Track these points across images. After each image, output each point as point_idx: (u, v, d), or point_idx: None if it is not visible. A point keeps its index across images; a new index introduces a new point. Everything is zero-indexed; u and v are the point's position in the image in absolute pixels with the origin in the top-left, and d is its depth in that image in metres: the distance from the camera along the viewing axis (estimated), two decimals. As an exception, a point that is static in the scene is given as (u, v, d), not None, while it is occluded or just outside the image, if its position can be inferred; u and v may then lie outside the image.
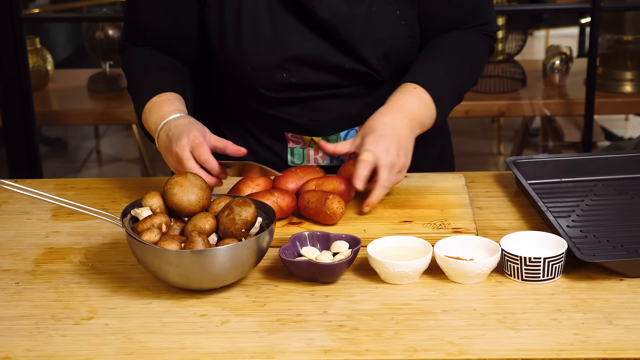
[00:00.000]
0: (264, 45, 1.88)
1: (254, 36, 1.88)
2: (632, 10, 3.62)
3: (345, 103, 1.96)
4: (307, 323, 1.47)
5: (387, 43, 1.91)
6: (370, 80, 1.95)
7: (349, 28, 1.88)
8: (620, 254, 1.65)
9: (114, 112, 3.65)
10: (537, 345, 1.40)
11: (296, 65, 1.90)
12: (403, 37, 1.92)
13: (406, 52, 1.95)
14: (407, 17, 1.92)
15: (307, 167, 1.90)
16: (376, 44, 1.90)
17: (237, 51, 1.89)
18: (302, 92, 1.93)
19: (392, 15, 1.90)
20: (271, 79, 1.90)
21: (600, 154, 2.00)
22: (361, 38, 1.89)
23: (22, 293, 1.59)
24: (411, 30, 1.93)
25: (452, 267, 1.57)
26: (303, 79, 1.91)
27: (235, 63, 1.91)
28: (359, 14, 1.88)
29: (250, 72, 1.90)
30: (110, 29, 3.74)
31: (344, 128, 1.97)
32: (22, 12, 3.18)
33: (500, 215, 1.85)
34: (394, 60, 1.93)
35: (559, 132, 4.11)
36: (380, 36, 1.90)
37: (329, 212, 1.75)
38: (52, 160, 5.10)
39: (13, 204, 1.95)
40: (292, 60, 1.89)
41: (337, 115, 1.96)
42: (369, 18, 1.89)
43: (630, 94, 3.62)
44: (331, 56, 1.90)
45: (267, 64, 1.89)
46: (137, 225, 1.58)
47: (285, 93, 1.93)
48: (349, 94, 1.96)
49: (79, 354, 1.41)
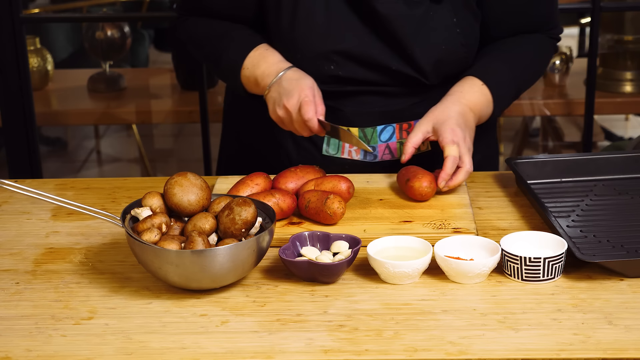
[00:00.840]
0: (315, 35, 1.91)
1: (308, 24, 1.90)
2: (632, 10, 3.62)
3: (388, 100, 1.98)
4: (307, 323, 1.47)
5: (441, 49, 1.93)
6: (417, 84, 1.96)
7: (404, 27, 1.89)
8: (620, 254, 1.65)
9: (114, 112, 3.65)
10: (537, 345, 1.40)
11: (344, 59, 1.92)
12: (457, 45, 1.94)
13: (458, 61, 1.97)
14: (463, 26, 1.94)
15: (307, 167, 1.90)
16: (429, 48, 1.92)
17: (290, 36, 1.92)
18: (347, 86, 1.96)
19: (449, 21, 1.92)
20: (318, 70, 1.93)
21: (600, 154, 2.00)
22: (415, 40, 1.90)
23: (22, 293, 1.59)
24: (465, 38, 1.95)
25: (452, 267, 1.57)
26: (349, 73, 1.94)
27: (286, 48, 1.94)
28: (417, 15, 1.90)
29: (300, 59, 1.93)
30: (110, 29, 3.74)
31: (382, 123, 1.99)
32: (22, 12, 3.17)
33: (500, 215, 1.85)
34: (445, 66, 1.96)
35: (559, 132, 4.11)
36: (434, 41, 1.92)
37: (330, 211, 1.75)
38: (52, 160, 5.10)
39: (13, 204, 1.95)
40: (340, 53, 1.92)
41: (378, 110, 1.98)
42: (425, 21, 1.91)
43: (630, 94, 3.62)
44: (380, 55, 1.92)
45: (316, 54, 1.92)
46: (137, 225, 1.58)
47: (331, 85, 1.95)
48: (393, 93, 1.98)
49: (79, 354, 1.41)
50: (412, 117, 1.99)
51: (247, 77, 1.97)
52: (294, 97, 1.87)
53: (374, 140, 1.99)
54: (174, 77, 3.75)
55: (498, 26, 2.00)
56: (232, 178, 1.97)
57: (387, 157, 2.00)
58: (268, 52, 1.96)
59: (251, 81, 1.97)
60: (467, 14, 1.94)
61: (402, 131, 1.99)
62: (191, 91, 3.62)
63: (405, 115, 1.98)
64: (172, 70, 3.75)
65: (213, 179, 2.01)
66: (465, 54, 1.96)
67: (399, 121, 1.99)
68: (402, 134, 1.99)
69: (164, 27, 5.43)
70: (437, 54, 1.92)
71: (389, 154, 2.00)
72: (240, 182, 1.85)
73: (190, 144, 5.30)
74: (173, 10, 3.76)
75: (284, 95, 1.89)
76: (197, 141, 3.65)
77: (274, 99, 1.91)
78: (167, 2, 4.84)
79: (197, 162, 4.16)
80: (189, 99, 3.60)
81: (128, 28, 3.79)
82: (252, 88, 1.99)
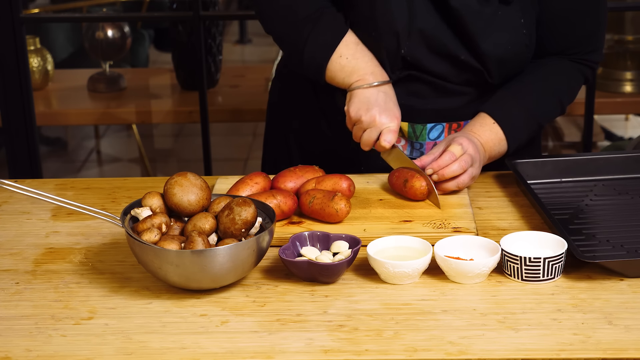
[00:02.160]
0: (392, 14, 1.91)
1: (386, 2, 1.91)
2: (632, 10, 3.62)
3: (444, 98, 1.99)
4: (307, 323, 1.47)
5: (507, 48, 1.93)
6: (480, 80, 1.97)
7: (473, 23, 1.91)
8: (620, 254, 1.65)
9: (114, 112, 3.64)
10: (537, 345, 1.40)
11: (417, 41, 1.93)
12: (521, 45, 1.95)
13: (521, 61, 1.98)
14: (528, 27, 1.94)
15: (306, 167, 1.90)
16: (496, 47, 1.93)
17: (367, 13, 1.93)
18: (412, 71, 1.96)
19: (516, 22, 1.93)
20: (390, 50, 1.93)
21: (600, 154, 2.00)
22: (484, 36, 1.91)
23: (22, 293, 1.59)
24: (529, 40, 1.95)
25: (452, 267, 1.57)
26: (417, 59, 1.94)
27: (362, 26, 1.95)
28: (487, 12, 1.91)
29: (375, 37, 1.94)
30: (110, 29, 3.74)
31: (432, 121, 2.00)
32: (22, 12, 3.17)
33: (500, 215, 1.85)
34: (509, 65, 1.97)
35: (559, 132, 4.11)
36: (501, 39, 1.93)
37: (337, 207, 1.75)
38: (52, 160, 5.10)
39: (13, 204, 1.95)
40: (414, 34, 1.92)
41: (430, 108, 1.99)
42: (494, 19, 1.92)
43: (630, 94, 3.62)
44: (451, 43, 1.93)
45: (391, 32, 1.92)
46: (137, 225, 1.58)
47: (398, 72, 1.96)
48: (452, 91, 1.99)
49: (79, 354, 1.41)
50: (463, 117, 2.00)
51: (342, 66, 1.94)
52: (387, 117, 1.89)
53: (422, 138, 2.00)
54: (174, 77, 3.74)
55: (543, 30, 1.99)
56: (231, 178, 1.97)
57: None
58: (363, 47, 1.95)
59: (345, 70, 1.94)
60: (534, 15, 1.95)
61: (451, 130, 2.00)
62: (191, 91, 3.62)
63: (457, 115, 2.00)
64: (172, 70, 3.75)
65: (213, 179, 2.01)
66: (528, 55, 1.98)
67: (450, 120, 2.00)
68: (450, 133, 2.00)
69: (164, 27, 5.43)
70: (502, 53, 1.94)
71: None
72: (240, 182, 1.85)
73: (190, 144, 5.30)
74: (173, 10, 3.76)
75: (377, 107, 1.89)
76: (197, 141, 3.65)
77: (366, 100, 1.91)
78: (167, 2, 4.84)
79: (197, 162, 4.16)
80: (189, 99, 3.60)
81: (128, 28, 3.79)
82: (338, 76, 1.95)
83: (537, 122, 2.01)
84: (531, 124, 2.00)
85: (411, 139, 2.00)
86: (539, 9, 1.96)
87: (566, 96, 2.04)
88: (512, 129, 1.96)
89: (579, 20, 1.99)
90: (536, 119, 2.01)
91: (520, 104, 1.98)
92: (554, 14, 1.97)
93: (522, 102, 1.98)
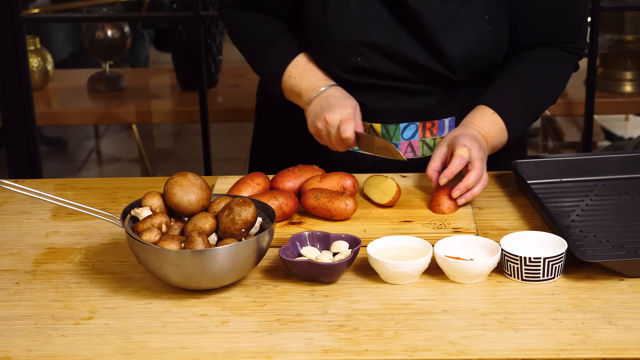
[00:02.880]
0: (345, 25, 1.92)
1: (339, 13, 1.92)
2: (632, 10, 3.62)
3: (413, 98, 1.99)
4: (307, 323, 1.47)
5: (472, 45, 1.92)
6: (443, 81, 1.96)
7: (435, 22, 1.90)
8: (620, 254, 1.65)
9: (114, 112, 3.64)
10: (537, 345, 1.40)
11: (372, 51, 1.93)
12: (487, 43, 1.93)
13: (488, 58, 1.96)
14: (495, 23, 1.93)
15: (306, 167, 1.90)
16: (460, 44, 1.91)
17: (321, 25, 1.94)
18: (373, 79, 1.96)
19: (481, 18, 1.91)
20: (346, 60, 1.94)
21: (600, 154, 2.00)
22: (445, 35, 1.90)
23: (22, 293, 1.59)
24: (496, 36, 1.94)
25: (452, 267, 1.57)
26: (376, 66, 1.94)
27: (317, 37, 1.96)
28: (448, 10, 1.90)
29: (329, 48, 1.95)
30: (110, 29, 3.74)
31: (405, 120, 1.99)
32: (22, 12, 3.17)
33: (500, 215, 1.85)
34: (474, 63, 1.95)
35: (559, 132, 4.11)
36: (465, 37, 1.91)
37: (347, 202, 1.75)
38: (52, 160, 5.10)
39: (13, 204, 1.95)
40: (368, 45, 1.92)
41: (402, 107, 1.99)
42: (456, 17, 1.90)
43: (630, 94, 3.62)
44: (407, 49, 1.92)
45: (345, 44, 1.93)
46: (137, 225, 1.58)
47: (358, 77, 1.96)
48: (418, 91, 1.98)
49: (79, 354, 1.41)
50: (436, 116, 2.00)
51: (292, 86, 1.99)
52: (335, 112, 1.89)
53: (396, 138, 1.99)
54: (174, 77, 3.74)
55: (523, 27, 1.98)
56: (232, 178, 1.97)
57: (410, 155, 2.00)
58: (313, 67, 1.99)
59: (294, 91, 1.99)
60: (499, 10, 1.93)
61: (425, 130, 2.00)
62: (191, 91, 3.62)
63: (429, 114, 1.99)
64: (172, 70, 3.75)
65: (213, 179, 2.01)
66: (495, 51, 1.96)
67: (423, 120, 1.99)
68: (425, 133, 1.99)
69: (164, 27, 5.43)
70: (467, 51, 1.92)
71: (411, 152, 2.00)
72: (240, 182, 1.85)
73: (190, 144, 5.30)
74: (173, 10, 3.76)
75: (325, 110, 1.91)
76: (197, 141, 3.65)
77: (315, 112, 1.93)
78: (167, 2, 4.84)
79: (197, 162, 4.16)
80: (189, 99, 3.60)
81: (128, 28, 3.79)
82: (292, 97, 2.01)
83: (533, 111, 2.01)
84: (528, 113, 2.00)
85: (385, 139, 1.99)
86: (514, 7, 1.95)
87: (558, 85, 2.05)
88: (511, 117, 1.95)
89: (559, 13, 1.98)
90: (532, 108, 2.00)
91: (517, 93, 1.97)
92: (532, 10, 1.96)
93: (519, 91, 1.97)
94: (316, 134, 1.95)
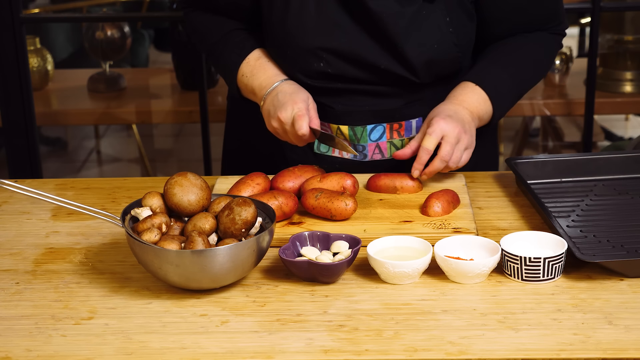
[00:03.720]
0: (305, 31, 1.92)
1: (298, 19, 1.91)
2: (632, 10, 3.62)
3: (379, 100, 1.98)
4: (307, 323, 1.47)
5: (433, 48, 1.92)
6: (407, 83, 1.96)
7: (395, 25, 1.89)
8: (620, 254, 1.65)
9: (114, 112, 3.65)
10: (537, 345, 1.40)
11: (333, 56, 1.93)
12: (449, 45, 1.93)
13: (450, 60, 1.96)
14: (456, 25, 1.93)
15: (306, 167, 1.90)
16: (421, 47, 1.91)
17: (281, 31, 1.94)
18: (337, 83, 1.96)
19: (441, 20, 1.92)
20: (309, 66, 1.94)
21: (600, 154, 2.00)
22: (406, 38, 1.90)
23: (22, 293, 1.59)
24: (458, 39, 1.94)
25: (452, 267, 1.57)
26: (339, 71, 1.94)
27: (278, 43, 1.96)
28: (408, 13, 1.90)
29: (291, 55, 1.94)
30: (110, 29, 3.74)
31: (372, 122, 1.99)
32: (22, 12, 3.17)
33: (500, 215, 1.85)
34: (436, 66, 1.95)
35: (559, 132, 4.11)
36: (426, 40, 1.91)
37: (347, 202, 1.75)
38: (52, 160, 5.10)
39: (13, 204, 1.95)
40: (329, 51, 1.92)
41: (368, 109, 1.98)
42: (417, 19, 1.90)
43: (630, 94, 3.62)
44: (368, 54, 1.92)
45: (306, 49, 1.93)
46: (137, 225, 1.58)
47: (321, 82, 1.96)
48: (384, 92, 1.98)
49: (79, 354, 1.41)
50: (403, 117, 1.99)
51: (245, 85, 2.00)
52: (287, 110, 1.89)
53: (363, 139, 1.99)
54: (174, 77, 3.75)
55: (501, 24, 2.00)
56: (232, 178, 1.97)
57: (377, 156, 2.00)
58: (265, 62, 1.99)
59: (248, 89, 2.00)
60: (461, 13, 1.94)
61: (393, 131, 1.99)
62: (191, 91, 3.62)
63: (396, 115, 1.98)
64: (172, 70, 3.75)
65: (213, 179, 2.01)
66: (457, 54, 1.96)
67: (390, 121, 1.98)
68: (392, 134, 1.99)
69: (164, 27, 5.43)
70: (428, 53, 1.92)
71: (379, 154, 2.00)
72: (240, 182, 1.85)
73: (190, 144, 5.30)
74: (173, 10, 3.76)
75: (278, 108, 1.90)
76: (197, 141, 3.64)
77: (269, 111, 1.93)
78: (167, 2, 4.84)
79: (197, 162, 4.16)
80: (189, 99, 3.60)
81: (128, 28, 3.79)
82: (249, 95, 2.01)
83: (517, 86, 2.01)
84: (513, 88, 2.00)
85: (353, 141, 1.99)
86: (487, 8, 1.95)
87: (543, 63, 2.06)
88: (495, 91, 1.95)
89: (536, 6, 1.99)
90: (516, 84, 2.00)
91: (499, 69, 1.97)
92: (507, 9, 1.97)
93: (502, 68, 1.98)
94: (274, 132, 1.95)
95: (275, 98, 1.92)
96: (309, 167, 1.91)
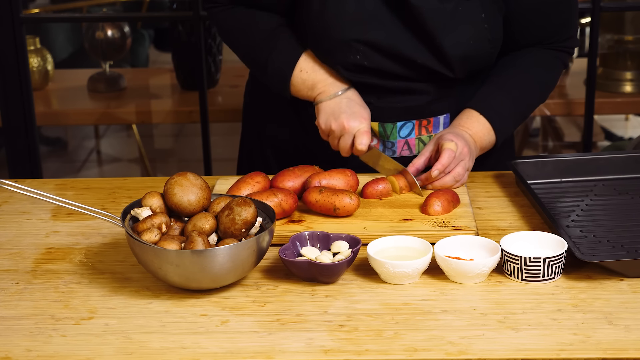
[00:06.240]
0: (343, 23, 1.92)
1: (337, 11, 1.92)
2: (632, 10, 3.62)
3: (410, 96, 2.00)
4: (307, 323, 1.47)
5: (469, 43, 1.93)
6: (440, 78, 1.97)
7: (434, 21, 1.90)
8: (620, 254, 1.65)
9: (114, 112, 3.64)
10: (537, 345, 1.40)
11: (370, 49, 1.93)
12: (484, 41, 1.95)
13: (484, 56, 1.98)
14: (490, 21, 1.94)
15: (306, 167, 1.90)
16: (458, 42, 1.93)
17: (318, 23, 1.93)
18: (372, 77, 1.97)
19: (477, 17, 1.93)
20: (344, 58, 1.94)
21: (600, 154, 2.00)
22: (444, 33, 1.91)
23: (22, 293, 1.59)
24: (492, 34, 1.95)
25: (452, 267, 1.57)
26: (375, 64, 1.95)
27: (314, 35, 1.95)
28: (447, 9, 1.91)
29: (327, 47, 1.94)
30: (110, 29, 3.74)
31: (402, 119, 2.00)
32: (22, 12, 3.17)
33: (500, 215, 1.85)
34: (471, 61, 1.97)
35: (559, 132, 4.11)
36: (462, 35, 1.92)
37: (351, 198, 1.76)
38: (52, 160, 5.10)
39: (13, 204, 1.95)
40: (366, 44, 1.93)
41: (399, 106, 2.00)
42: (455, 15, 1.91)
43: (630, 94, 3.62)
44: (405, 48, 1.93)
45: (343, 42, 1.93)
46: (137, 225, 1.58)
47: (358, 76, 1.97)
48: (416, 89, 1.99)
49: (79, 354, 1.41)
50: (432, 113, 2.01)
51: (303, 80, 1.98)
52: (355, 121, 1.92)
53: (393, 136, 2.00)
54: (174, 77, 3.74)
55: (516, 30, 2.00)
56: (231, 178, 1.97)
57: (406, 152, 2.01)
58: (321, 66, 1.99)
59: (307, 85, 1.99)
60: (494, 9, 1.95)
61: (422, 128, 2.01)
62: (191, 91, 3.62)
63: (425, 112, 2.00)
64: (172, 70, 3.75)
65: (213, 179, 2.01)
66: (491, 50, 1.97)
67: (419, 117, 2.00)
68: (421, 131, 2.00)
69: (164, 27, 5.43)
70: (465, 49, 1.93)
71: (407, 150, 2.01)
72: (240, 181, 1.85)
73: (190, 144, 5.30)
74: (173, 10, 3.76)
75: (344, 113, 1.92)
76: (197, 141, 3.64)
77: (333, 111, 1.94)
78: (167, 2, 4.84)
79: (197, 162, 4.16)
80: (189, 99, 3.60)
81: (128, 28, 3.79)
82: (301, 90, 2.00)
83: (521, 112, 2.04)
84: (516, 114, 2.03)
85: (382, 138, 2.00)
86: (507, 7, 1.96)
87: (547, 87, 2.07)
88: (498, 118, 1.98)
89: (553, 10, 2.00)
90: (520, 110, 2.03)
91: (504, 95, 2.00)
92: (526, 8, 1.97)
93: (507, 94, 2.00)
94: (326, 131, 1.96)
95: (345, 102, 1.94)
96: (309, 167, 1.91)
